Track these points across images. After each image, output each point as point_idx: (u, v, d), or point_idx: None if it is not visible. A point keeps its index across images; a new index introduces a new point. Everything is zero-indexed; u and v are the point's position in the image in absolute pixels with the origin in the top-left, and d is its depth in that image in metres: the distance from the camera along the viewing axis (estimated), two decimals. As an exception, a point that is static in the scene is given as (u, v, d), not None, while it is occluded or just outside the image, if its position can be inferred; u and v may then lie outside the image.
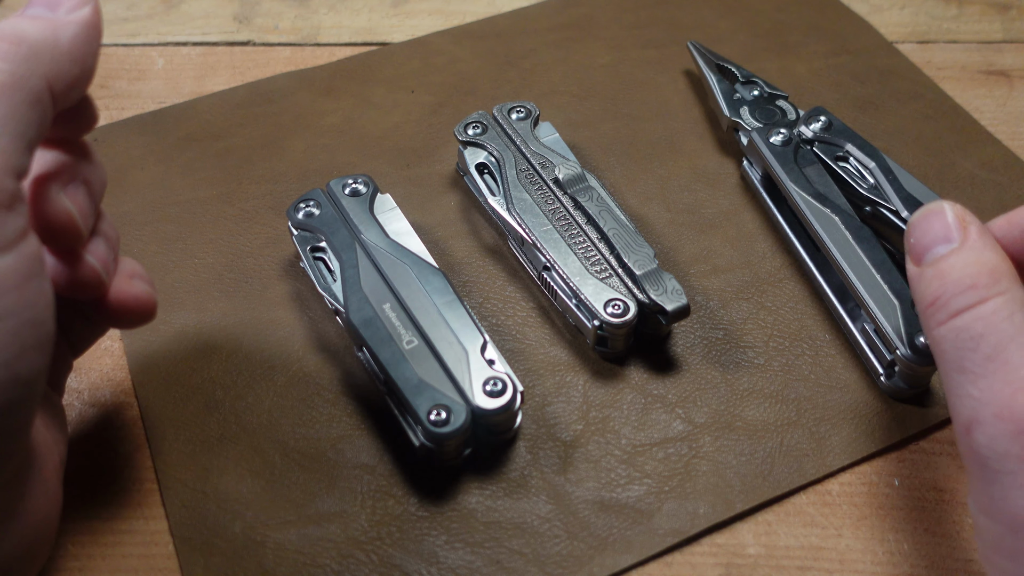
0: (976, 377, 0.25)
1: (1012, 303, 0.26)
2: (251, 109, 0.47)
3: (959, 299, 0.27)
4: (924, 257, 0.29)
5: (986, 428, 0.25)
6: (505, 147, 0.41)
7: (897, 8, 0.54)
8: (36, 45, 0.25)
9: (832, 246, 0.36)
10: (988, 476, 0.25)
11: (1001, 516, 0.25)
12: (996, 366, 0.25)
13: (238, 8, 0.54)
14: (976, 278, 0.27)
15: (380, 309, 0.34)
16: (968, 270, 0.27)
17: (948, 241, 0.28)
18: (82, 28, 0.27)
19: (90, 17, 0.27)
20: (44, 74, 0.25)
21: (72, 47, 0.26)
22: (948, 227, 0.28)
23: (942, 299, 0.27)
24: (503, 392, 0.32)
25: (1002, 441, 0.24)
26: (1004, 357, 0.25)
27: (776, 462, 0.34)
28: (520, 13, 0.53)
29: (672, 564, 0.32)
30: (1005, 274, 0.27)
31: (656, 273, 0.36)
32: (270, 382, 0.36)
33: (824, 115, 0.41)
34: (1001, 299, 0.26)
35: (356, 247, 0.36)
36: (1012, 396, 0.24)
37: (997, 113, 0.47)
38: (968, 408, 0.25)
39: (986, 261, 0.27)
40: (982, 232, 0.28)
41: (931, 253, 0.28)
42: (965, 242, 0.28)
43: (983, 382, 0.25)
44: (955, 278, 0.27)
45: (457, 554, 0.31)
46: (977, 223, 0.28)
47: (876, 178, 0.39)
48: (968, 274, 0.27)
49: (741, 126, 0.43)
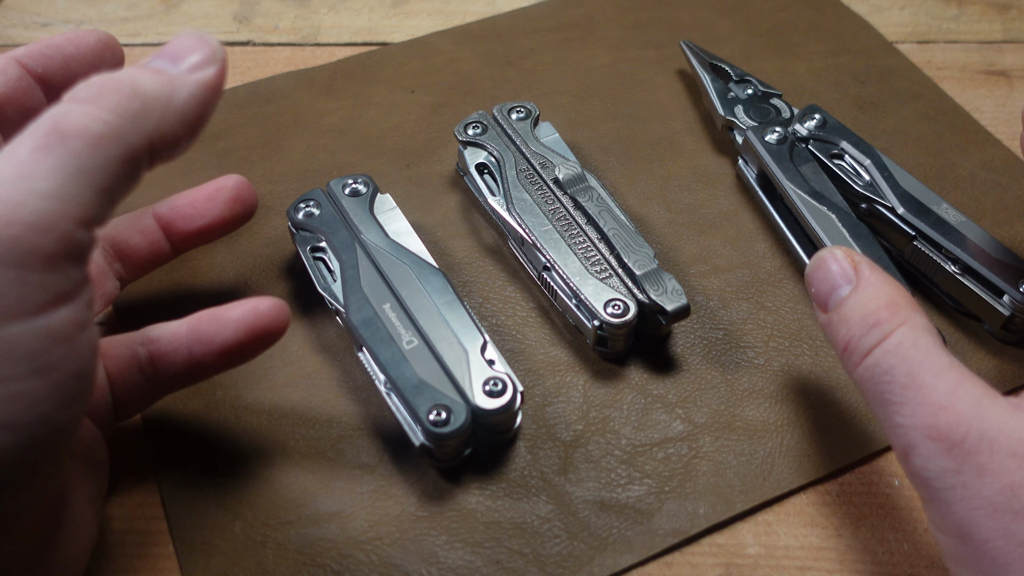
0: (899, 406, 0.27)
1: (914, 330, 0.28)
2: (251, 109, 0.47)
3: (866, 339, 0.28)
4: (828, 304, 0.30)
5: (920, 451, 0.26)
6: (505, 147, 0.41)
7: (897, 8, 0.54)
8: (149, 102, 0.24)
9: (829, 244, 0.37)
10: (933, 494, 0.26)
11: (951, 529, 0.26)
12: (913, 392, 0.27)
13: (238, 8, 0.54)
14: (877, 314, 0.28)
15: (380, 309, 0.34)
16: (869, 307, 0.29)
17: (846, 283, 0.30)
18: (201, 90, 0.25)
19: (213, 80, 0.25)
20: (149, 133, 0.24)
21: (185, 109, 0.25)
22: (841, 271, 0.30)
23: (852, 342, 0.29)
24: (503, 392, 0.32)
25: (937, 460, 0.26)
26: (918, 383, 0.27)
27: (776, 462, 0.34)
28: (520, 13, 0.53)
29: (672, 564, 0.32)
30: (902, 303, 0.29)
31: (656, 273, 0.36)
32: (270, 382, 0.36)
33: (819, 113, 0.41)
34: (903, 329, 0.28)
35: (356, 247, 0.36)
36: (934, 416, 0.26)
37: (997, 113, 0.47)
38: (900, 436, 0.27)
39: (883, 295, 0.29)
40: (872, 268, 0.30)
41: (833, 299, 0.30)
42: (859, 282, 0.29)
43: (906, 409, 0.27)
44: (859, 318, 0.29)
45: (457, 554, 0.31)
46: (864, 260, 0.30)
47: (871, 175, 0.39)
48: (869, 312, 0.28)
49: (736, 125, 0.43)
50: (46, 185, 0.22)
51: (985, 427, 0.25)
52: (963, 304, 0.37)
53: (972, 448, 0.25)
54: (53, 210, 0.22)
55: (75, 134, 0.23)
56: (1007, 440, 0.25)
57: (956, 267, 0.36)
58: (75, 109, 0.23)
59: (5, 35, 0.52)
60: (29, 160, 0.23)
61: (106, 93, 0.24)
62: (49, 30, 0.52)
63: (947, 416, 0.26)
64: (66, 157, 0.23)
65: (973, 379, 0.27)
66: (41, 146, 0.23)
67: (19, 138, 0.23)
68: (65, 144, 0.23)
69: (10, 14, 0.53)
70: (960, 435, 0.26)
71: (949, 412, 0.26)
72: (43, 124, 0.23)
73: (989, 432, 0.25)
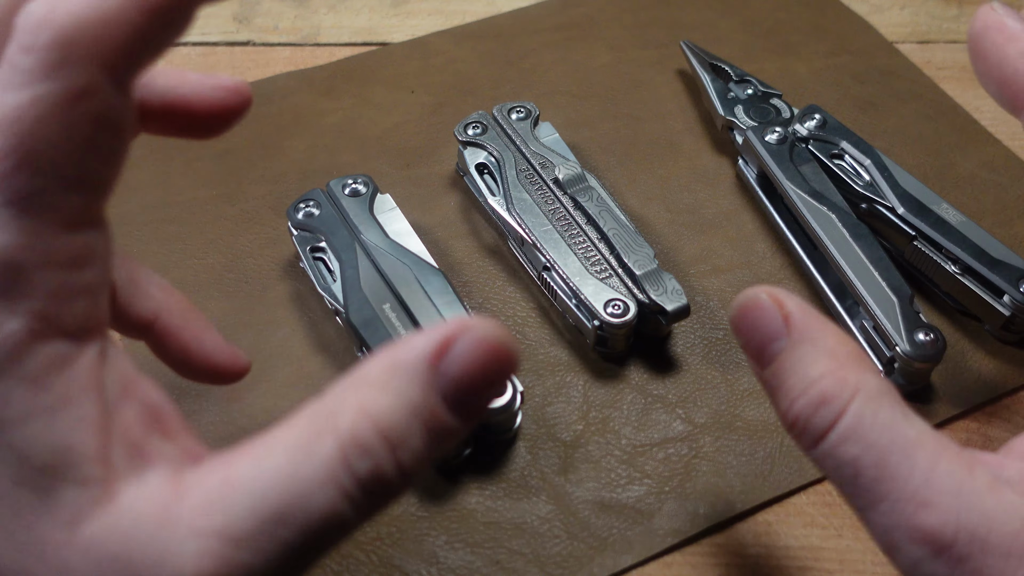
0: (872, 503, 0.23)
1: (869, 401, 0.23)
2: (251, 109, 0.47)
3: (815, 420, 0.23)
4: (763, 358, 0.25)
5: (906, 554, 0.23)
6: (505, 147, 0.41)
7: (897, 8, 0.54)
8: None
9: (829, 244, 0.36)
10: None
11: None
12: (886, 486, 0.23)
13: (238, 8, 0.54)
14: (821, 384, 0.23)
15: (380, 309, 0.34)
16: (810, 375, 0.23)
17: (777, 338, 0.24)
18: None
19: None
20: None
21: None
22: (772, 321, 0.24)
23: (799, 424, 0.24)
24: (502, 392, 0.32)
25: (927, 564, 0.22)
26: (889, 474, 0.23)
27: (776, 462, 0.34)
28: (520, 13, 0.53)
29: (672, 564, 0.32)
30: (848, 361, 0.24)
31: (656, 273, 0.36)
32: (270, 382, 0.36)
33: (819, 113, 0.41)
34: (857, 403, 0.23)
35: (356, 247, 0.36)
36: (914, 514, 0.22)
37: (997, 113, 0.47)
38: (880, 534, 0.23)
39: (822, 353, 0.24)
40: (804, 312, 0.24)
41: (767, 353, 0.25)
42: (792, 335, 0.24)
43: (882, 507, 0.23)
44: (800, 389, 0.24)
45: (457, 554, 0.31)
46: (795, 302, 0.25)
47: (872, 175, 0.39)
48: (811, 381, 0.23)
49: (736, 125, 0.42)
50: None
51: (973, 524, 0.22)
52: (963, 304, 0.37)
53: (964, 553, 0.22)
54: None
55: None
56: (998, 538, 0.22)
57: (956, 267, 0.36)
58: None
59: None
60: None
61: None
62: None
63: (930, 517, 0.22)
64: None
65: (944, 450, 0.23)
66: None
67: None
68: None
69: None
70: (949, 538, 0.22)
71: (931, 510, 0.22)
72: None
73: (979, 530, 0.22)
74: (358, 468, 0.19)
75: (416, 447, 0.20)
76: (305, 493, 0.19)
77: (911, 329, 0.34)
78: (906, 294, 0.35)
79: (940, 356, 0.34)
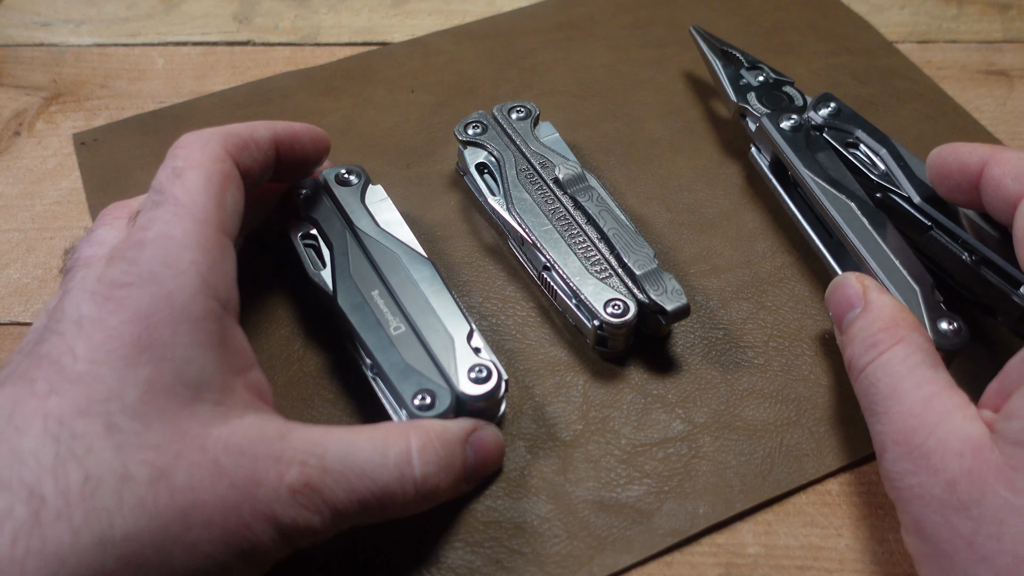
0: (879, 415, 0.29)
1: (907, 347, 0.30)
2: (251, 109, 0.47)
3: (864, 357, 0.31)
4: (842, 326, 0.33)
5: (888, 454, 0.28)
6: (505, 147, 0.41)
7: (897, 8, 0.54)
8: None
9: (849, 232, 0.36)
10: (896, 495, 0.28)
11: (912, 527, 0.27)
12: (892, 402, 0.29)
13: (238, 8, 0.54)
14: (876, 336, 0.31)
15: (369, 295, 0.34)
16: (871, 329, 0.31)
17: (853, 307, 0.32)
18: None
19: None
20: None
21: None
22: (853, 295, 0.33)
23: (853, 360, 0.31)
24: (488, 379, 0.32)
25: (900, 462, 0.28)
26: (898, 394, 0.29)
27: (776, 462, 0.34)
28: (520, 13, 0.53)
29: (672, 564, 0.32)
30: (902, 324, 0.31)
31: (656, 273, 0.36)
32: (270, 382, 0.36)
33: (833, 101, 0.41)
34: (898, 347, 0.30)
35: (347, 235, 0.36)
36: (904, 422, 0.28)
37: (997, 113, 0.47)
38: (877, 443, 0.29)
39: (885, 317, 0.31)
40: (879, 291, 0.32)
41: (845, 321, 0.32)
42: (866, 305, 0.32)
43: (885, 417, 0.29)
44: (861, 339, 0.31)
45: (457, 554, 0.31)
46: (873, 284, 0.33)
47: (887, 164, 0.38)
48: (870, 333, 0.31)
49: (749, 112, 0.42)
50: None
51: (945, 432, 0.27)
52: (979, 295, 0.36)
53: (929, 451, 0.27)
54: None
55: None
56: (957, 440, 0.27)
57: (973, 257, 0.36)
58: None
59: (5, 35, 0.52)
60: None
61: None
62: (49, 30, 0.52)
63: (914, 422, 0.28)
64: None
65: (953, 393, 0.28)
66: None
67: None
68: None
69: (10, 14, 0.53)
70: (921, 440, 0.27)
71: (917, 419, 0.28)
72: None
73: (947, 437, 0.27)
74: (424, 465, 0.29)
75: (456, 468, 0.30)
76: (383, 464, 0.28)
77: (934, 318, 0.33)
78: (928, 282, 0.34)
79: (964, 345, 0.33)
